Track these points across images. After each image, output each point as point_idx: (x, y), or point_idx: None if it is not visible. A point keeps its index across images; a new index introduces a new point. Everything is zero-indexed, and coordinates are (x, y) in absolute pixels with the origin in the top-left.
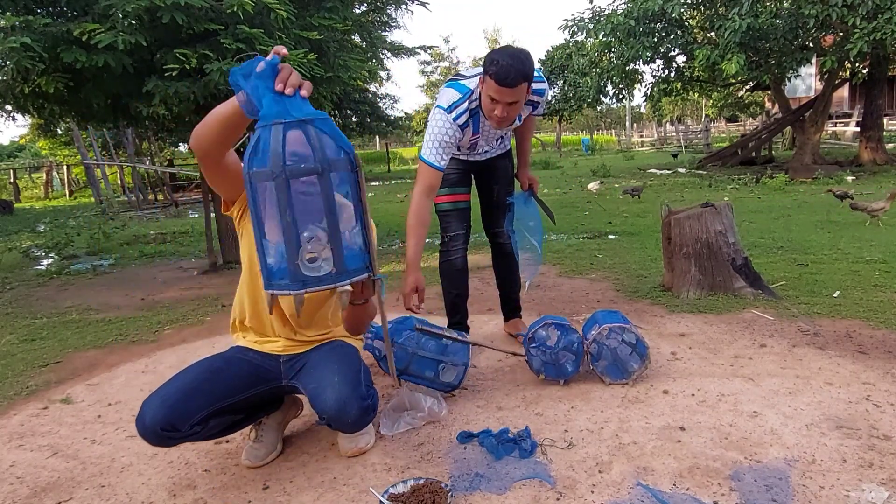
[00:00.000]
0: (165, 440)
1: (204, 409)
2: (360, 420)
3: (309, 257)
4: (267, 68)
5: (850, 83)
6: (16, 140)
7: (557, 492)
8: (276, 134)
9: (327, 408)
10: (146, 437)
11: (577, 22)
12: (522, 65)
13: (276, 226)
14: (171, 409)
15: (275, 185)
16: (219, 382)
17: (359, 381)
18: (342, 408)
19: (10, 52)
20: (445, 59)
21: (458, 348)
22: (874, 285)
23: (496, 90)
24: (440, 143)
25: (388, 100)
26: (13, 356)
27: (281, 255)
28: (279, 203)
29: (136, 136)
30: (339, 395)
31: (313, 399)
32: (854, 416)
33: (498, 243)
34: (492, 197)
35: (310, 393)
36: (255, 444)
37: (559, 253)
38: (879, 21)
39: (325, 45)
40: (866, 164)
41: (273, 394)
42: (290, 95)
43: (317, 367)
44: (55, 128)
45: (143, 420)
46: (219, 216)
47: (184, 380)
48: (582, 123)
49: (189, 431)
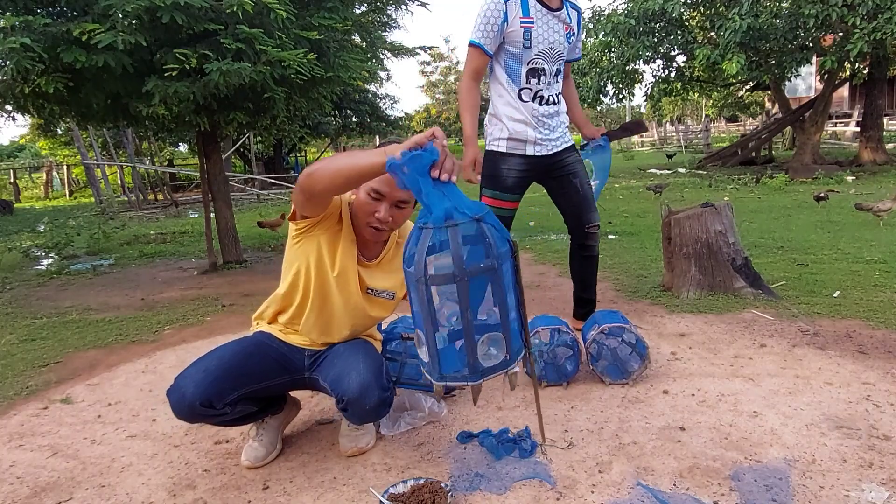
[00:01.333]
0: (196, 416)
1: (238, 389)
2: (378, 408)
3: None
4: (426, 158)
5: (850, 83)
6: (16, 140)
7: (557, 492)
8: (455, 236)
9: (350, 390)
10: (181, 410)
11: None
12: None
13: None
14: (213, 384)
15: (456, 286)
16: (253, 365)
17: (381, 372)
18: (364, 392)
19: (10, 52)
20: (445, 59)
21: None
22: (874, 285)
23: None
24: (482, 18)
25: (388, 100)
26: (13, 356)
27: (455, 350)
28: (460, 302)
29: (136, 136)
30: (363, 379)
31: (335, 383)
32: (854, 416)
33: (586, 245)
34: (576, 191)
35: (331, 378)
36: (254, 444)
37: (559, 253)
38: (879, 21)
39: (325, 45)
40: (866, 164)
41: (290, 386)
42: (446, 182)
43: (340, 357)
44: (55, 128)
45: (183, 393)
46: (219, 216)
47: (223, 356)
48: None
49: (220, 411)
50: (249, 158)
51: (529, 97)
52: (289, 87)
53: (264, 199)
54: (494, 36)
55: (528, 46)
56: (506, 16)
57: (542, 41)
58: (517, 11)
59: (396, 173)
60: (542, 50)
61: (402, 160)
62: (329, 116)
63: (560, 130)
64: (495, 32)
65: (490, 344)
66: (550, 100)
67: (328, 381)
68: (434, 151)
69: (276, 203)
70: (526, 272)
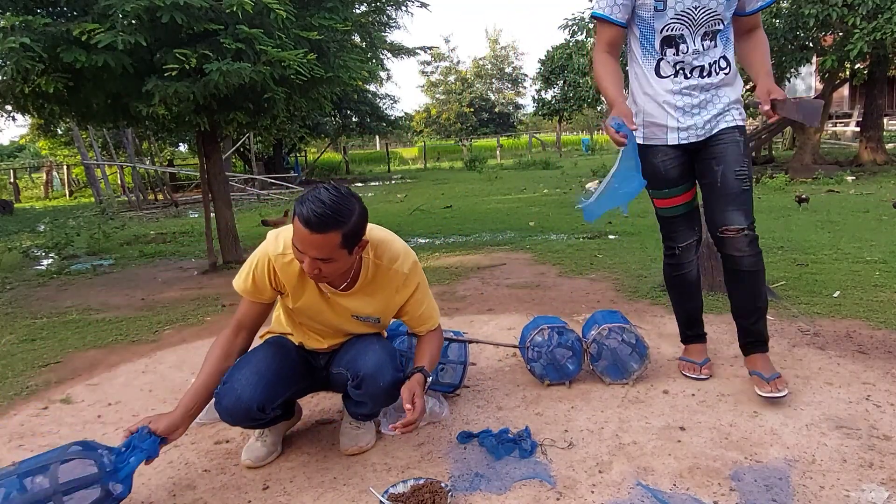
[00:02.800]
0: (248, 420)
1: (285, 393)
2: (390, 389)
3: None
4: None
5: (850, 83)
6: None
7: (557, 492)
8: None
9: (365, 366)
10: (236, 412)
11: (577, 21)
12: None
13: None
14: (267, 388)
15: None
16: (292, 368)
17: (395, 357)
18: (379, 369)
19: (10, 52)
20: (445, 58)
21: (456, 348)
22: (874, 285)
23: None
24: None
25: (388, 100)
26: (13, 356)
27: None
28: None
29: (136, 136)
30: (378, 358)
31: (350, 363)
32: (854, 416)
33: (726, 255)
34: (714, 182)
35: (346, 360)
36: (257, 444)
37: (559, 253)
38: (879, 21)
39: (325, 46)
40: (866, 164)
41: (314, 387)
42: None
43: (354, 344)
44: (55, 128)
45: (239, 396)
46: (219, 216)
47: (269, 360)
48: (582, 123)
49: (270, 415)
50: (249, 158)
51: (670, 71)
52: (289, 87)
53: (264, 199)
54: (623, 1)
55: (661, 9)
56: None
57: (680, 0)
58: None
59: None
60: (681, 11)
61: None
62: (329, 116)
63: (716, 109)
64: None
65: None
66: (704, 71)
67: (343, 364)
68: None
69: (276, 203)
70: (526, 272)
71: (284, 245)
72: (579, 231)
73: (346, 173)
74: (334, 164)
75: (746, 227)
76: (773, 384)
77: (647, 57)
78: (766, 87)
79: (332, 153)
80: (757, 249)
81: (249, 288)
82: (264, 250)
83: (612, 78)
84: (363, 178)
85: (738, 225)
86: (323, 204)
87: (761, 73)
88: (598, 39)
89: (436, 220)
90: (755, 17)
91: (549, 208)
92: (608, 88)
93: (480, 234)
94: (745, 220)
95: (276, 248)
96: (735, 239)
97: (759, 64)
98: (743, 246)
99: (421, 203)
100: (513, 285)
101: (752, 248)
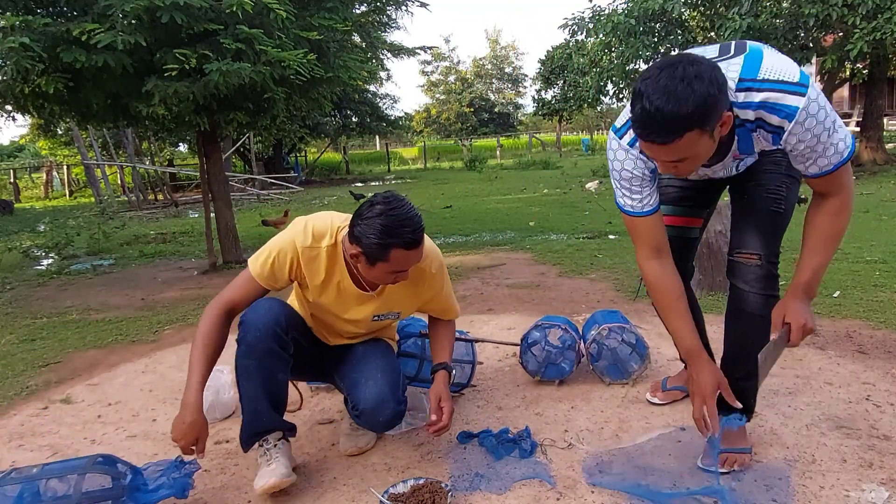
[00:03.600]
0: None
1: (296, 329)
2: (390, 422)
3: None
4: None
5: (850, 83)
6: (16, 140)
7: (557, 492)
8: None
9: (366, 402)
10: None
11: (577, 21)
12: (678, 105)
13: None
14: (280, 313)
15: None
16: (301, 318)
17: (398, 385)
18: (379, 405)
19: (10, 52)
20: (445, 58)
21: (462, 347)
22: (874, 285)
23: (644, 146)
24: (621, 179)
25: (388, 100)
26: (13, 356)
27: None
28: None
29: (136, 136)
30: (380, 392)
31: (352, 389)
32: (854, 416)
33: (734, 287)
34: (740, 198)
35: (349, 382)
36: (272, 465)
37: (559, 253)
38: (879, 21)
39: (325, 45)
40: (866, 164)
41: (319, 361)
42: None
43: (361, 361)
44: (55, 128)
45: (257, 324)
46: (219, 216)
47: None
48: (582, 123)
49: (287, 340)
50: (249, 158)
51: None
52: (289, 88)
53: (264, 199)
54: (645, 190)
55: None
56: (654, 172)
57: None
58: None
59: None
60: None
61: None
62: (329, 116)
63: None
64: (646, 187)
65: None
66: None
67: (345, 383)
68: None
69: (276, 203)
70: (526, 272)
71: (314, 237)
72: (579, 231)
73: (346, 173)
74: (334, 164)
75: (763, 257)
76: (723, 458)
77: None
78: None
79: (332, 153)
80: (770, 291)
81: (266, 273)
82: (291, 239)
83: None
84: (363, 178)
85: (754, 250)
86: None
87: (797, 277)
88: (633, 239)
89: (436, 220)
90: (818, 182)
91: (549, 208)
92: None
93: (480, 234)
94: (762, 246)
95: (306, 240)
96: (746, 267)
97: (805, 261)
98: (752, 279)
99: (421, 203)
100: (513, 285)
101: (763, 285)
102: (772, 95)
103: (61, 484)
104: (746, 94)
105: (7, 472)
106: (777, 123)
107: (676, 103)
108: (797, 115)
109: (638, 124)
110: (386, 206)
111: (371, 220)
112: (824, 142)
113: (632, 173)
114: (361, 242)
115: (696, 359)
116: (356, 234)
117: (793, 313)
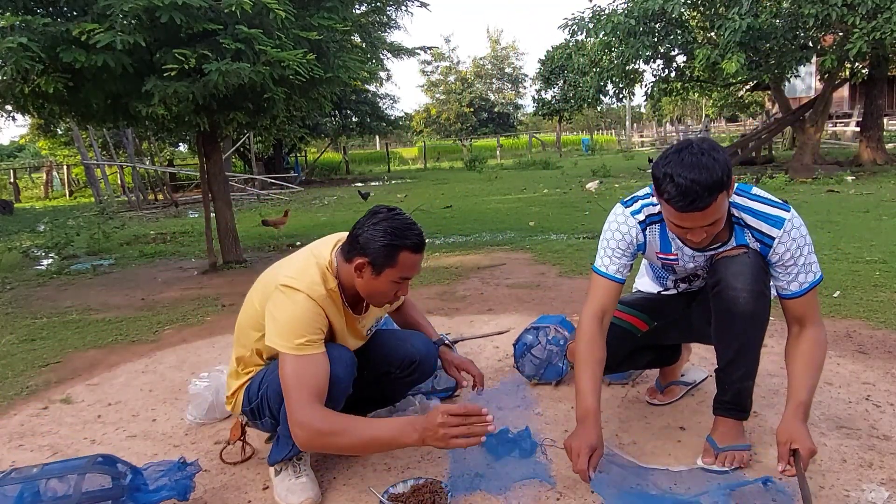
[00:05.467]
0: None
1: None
2: (435, 364)
3: None
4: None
5: (850, 83)
6: (16, 140)
7: (557, 492)
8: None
9: (418, 350)
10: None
11: (577, 21)
12: (709, 173)
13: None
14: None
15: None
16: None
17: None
18: (430, 351)
19: (9, 52)
20: (446, 58)
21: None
22: (874, 285)
23: (678, 217)
24: (609, 240)
25: (387, 100)
26: (13, 356)
27: None
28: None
29: (136, 136)
30: (426, 341)
31: (398, 348)
32: (854, 416)
33: (718, 293)
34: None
35: (393, 345)
36: (302, 479)
37: (559, 253)
38: (879, 21)
39: (325, 46)
40: (866, 164)
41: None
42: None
43: (382, 337)
44: (55, 128)
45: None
46: (219, 216)
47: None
48: (582, 123)
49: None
50: (249, 158)
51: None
52: (288, 88)
53: (264, 199)
54: (625, 262)
55: (670, 271)
56: (643, 246)
57: (690, 269)
58: (656, 241)
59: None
60: (690, 270)
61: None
62: (329, 116)
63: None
64: (626, 261)
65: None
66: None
67: (389, 350)
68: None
69: (276, 203)
70: (526, 272)
71: (321, 280)
72: (579, 231)
73: (346, 173)
74: (334, 164)
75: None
76: (723, 457)
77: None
78: (791, 431)
79: (332, 153)
80: (758, 294)
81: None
82: (304, 299)
83: (592, 375)
84: (363, 178)
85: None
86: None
87: (793, 398)
88: (589, 296)
89: (436, 220)
90: (797, 304)
91: (549, 208)
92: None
93: (480, 234)
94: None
95: (318, 289)
96: (732, 291)
97: (797, 381)
98: (738, 286)
99: (421, 203)
100: (513, 285)
101: (751, 286)
102: (763, 207)
103: (61, 484)
104: (742, 200)
105: (7, 472)
106: (766, 231)
107: (707, 172)
108: (784, 225)
109: (677, 199)
110: (389, 212)
111: (377, 225)
112: (806, 255)
113: (623, 237)
114: (368, 250)
115: (590, 421)
116: (361, 242)
117: (800, 440)
